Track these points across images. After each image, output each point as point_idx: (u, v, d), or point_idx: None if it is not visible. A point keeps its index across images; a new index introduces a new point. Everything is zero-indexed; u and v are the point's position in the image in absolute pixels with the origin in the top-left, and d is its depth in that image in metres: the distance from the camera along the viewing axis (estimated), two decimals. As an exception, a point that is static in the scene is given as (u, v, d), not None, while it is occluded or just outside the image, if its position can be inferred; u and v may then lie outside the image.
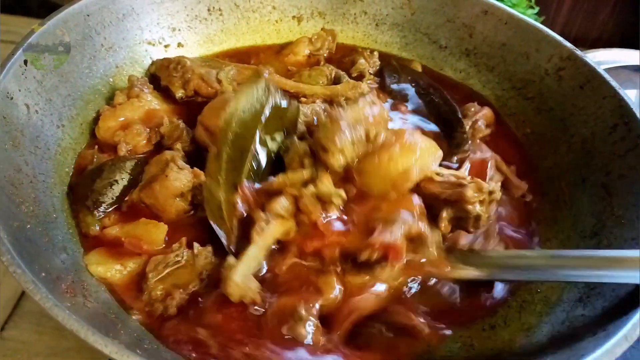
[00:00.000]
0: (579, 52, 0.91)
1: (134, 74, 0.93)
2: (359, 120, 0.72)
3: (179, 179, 0.73)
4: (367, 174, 0.72)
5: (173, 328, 0.63)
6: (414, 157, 0.71)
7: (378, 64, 1.04)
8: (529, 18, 1.00)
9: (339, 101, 0.90)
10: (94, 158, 0.81)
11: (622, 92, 0.83)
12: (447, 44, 1.08)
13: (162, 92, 0.92)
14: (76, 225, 0.73)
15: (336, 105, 0.86)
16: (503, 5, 1.02)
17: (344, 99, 0.91)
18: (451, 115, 0.92)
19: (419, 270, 0.70)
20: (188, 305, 0.66)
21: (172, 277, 0.66)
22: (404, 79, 1.02)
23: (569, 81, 0.91)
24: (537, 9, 1.45)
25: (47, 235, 0.67)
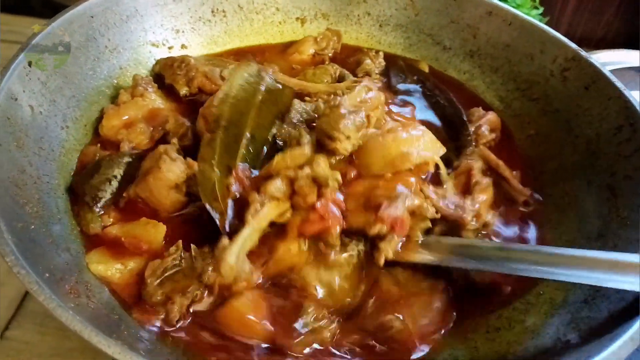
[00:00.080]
0: (583, 53, 0.91)
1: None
2: (358, 106, 0.74)
3: (172, 170, 0.73)
4: (369, 152, 0.74)
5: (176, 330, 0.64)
6: (418, 143, 0.74)
7: (383, 64, 1.04)
8: (533, 19, 0.99)
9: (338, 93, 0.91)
10: (96, 155, 0.81)
11: (627, 93, 0.83)
12: (451, 44, 1.08)
13: (166, 91, 0.92)
14: (78, 224, 0.73)
15: (334, 95, 0.87)
16: (507, 6, 1.01)
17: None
18: (456, 117, 0.92)
19: None
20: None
21: (171, 281, 0.66)
22: (410, 79, 1.02)
23: (574, 82, 0.90)
24: (541, 10, 1.45)
25: (50, 236, 0.67)
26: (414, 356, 0.67)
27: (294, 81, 0.91)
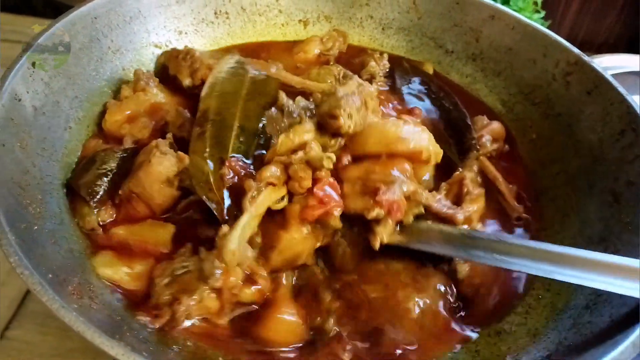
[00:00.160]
0: (586, 57, 0.91)
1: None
2: (354, 92, 0.76)
3: (162, 163, 0.73)
4: (365, 132, 0.75)
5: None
6: (416, 134, 0.75)
7: (387, 67, 1.04)
8: (535, 23, 1.00)
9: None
10: (96, 149, 0.81)
11: (629, 98, 0.83)
12: (453, 48, 1.08)
13: (168, 85, 0.92)
14: (76, 219, 0.73)
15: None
16: (510, 10, 1.02)
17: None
18: (460, 121, 0.92)
19: None
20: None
21: (180, 282, 0.66)
22: (415, 81, 1.02)
23: (576, 87, 0.91)
24: (543, 13, 1.45)
25: (53, 237, 0.67)
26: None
27: (296, 79, 0.91)
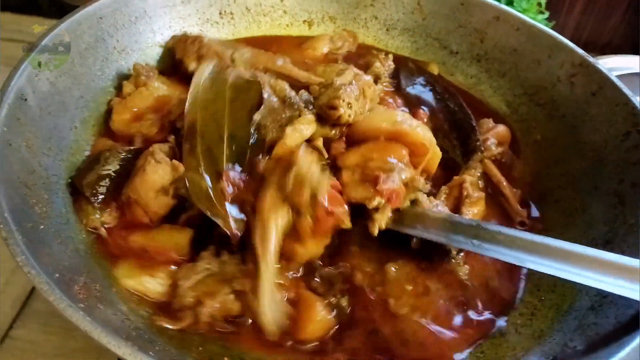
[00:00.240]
0: (591, 59, 0.91)
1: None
2: (351, 81, 0.76)
3: (156, 172, 0.72)
4: (370, 115, 0.76)
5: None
6: (416, 127, 0.75)
7: (392, 67, 1.04)
8: (540, 24, 0.99)
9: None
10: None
11: (634, 99, 0.83)
12: (458, 49, 1.08)
13: (172, 74, 0.92)
14: (78, 218, 0.73)
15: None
16: (515, 12, 1.01)
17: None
18: (465, 122, 0.92)
19: None
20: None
21: (203, 285, 0.66)
22: (420, 82, 1.02)
23: (581, 88, 0.90)
24: (547, 14, 1.45)
25: (59, 237, 0.67)
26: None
27: (302, 74, 0.90)
